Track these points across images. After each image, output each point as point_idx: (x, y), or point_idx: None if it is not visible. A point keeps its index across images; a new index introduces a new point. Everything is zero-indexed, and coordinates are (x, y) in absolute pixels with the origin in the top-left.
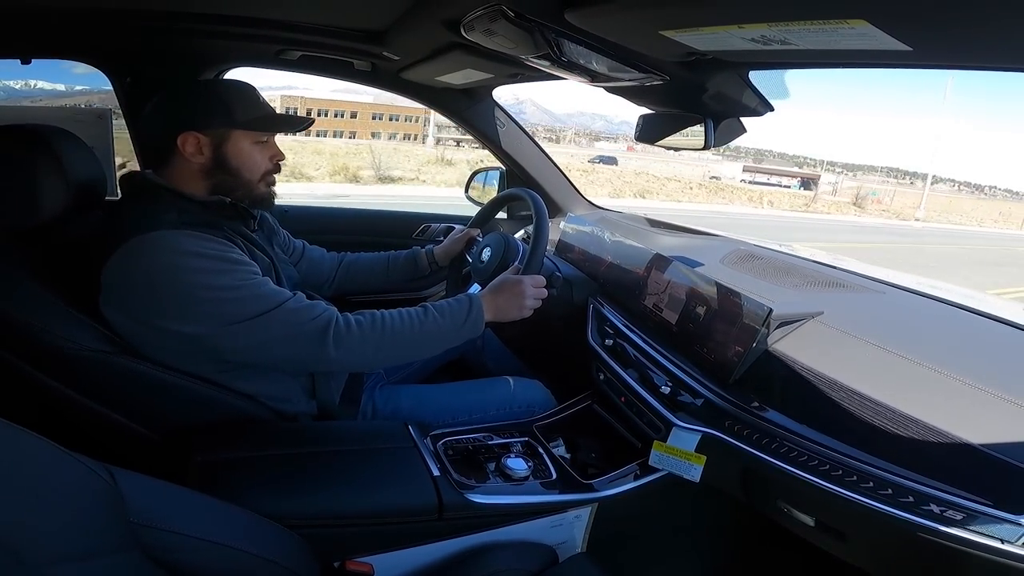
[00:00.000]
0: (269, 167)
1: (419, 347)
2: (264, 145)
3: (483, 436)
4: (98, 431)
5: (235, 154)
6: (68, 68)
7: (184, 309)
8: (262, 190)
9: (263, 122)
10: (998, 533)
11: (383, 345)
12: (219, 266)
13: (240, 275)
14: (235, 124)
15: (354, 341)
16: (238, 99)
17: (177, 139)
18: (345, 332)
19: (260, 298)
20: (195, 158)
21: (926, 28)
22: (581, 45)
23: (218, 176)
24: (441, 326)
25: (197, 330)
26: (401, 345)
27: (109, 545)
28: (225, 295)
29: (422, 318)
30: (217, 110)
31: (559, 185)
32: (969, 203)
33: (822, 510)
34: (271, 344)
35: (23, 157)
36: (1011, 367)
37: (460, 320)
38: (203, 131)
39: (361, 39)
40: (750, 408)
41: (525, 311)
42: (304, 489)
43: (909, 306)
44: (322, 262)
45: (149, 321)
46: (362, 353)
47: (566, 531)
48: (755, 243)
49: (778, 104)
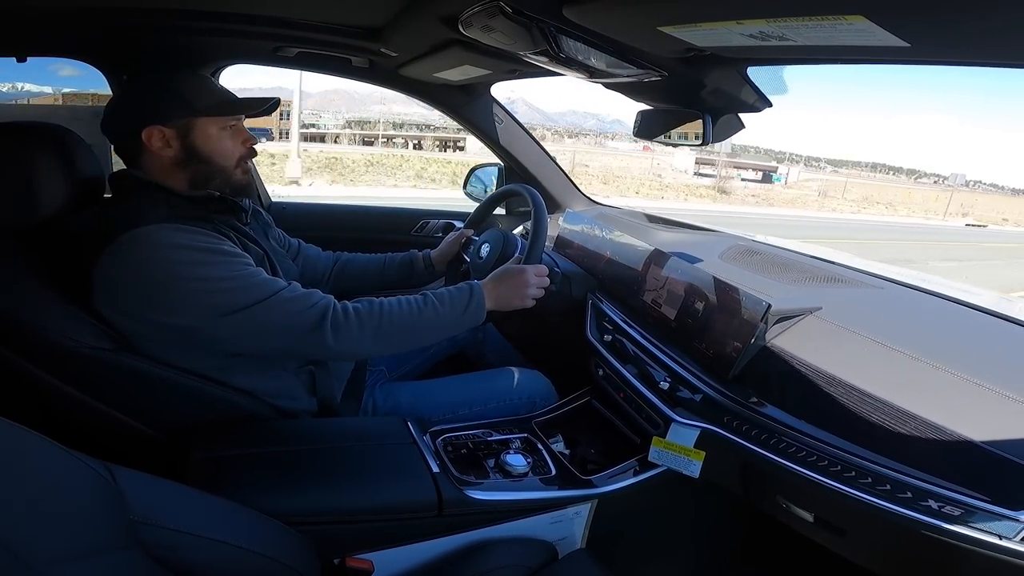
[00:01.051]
0: (243, 152)
1: (419, 335)
2: (233, 130)
3: (482, 432)
4: (97, 429)
5: (203, 142)
6: (54, 70)
7: (176, 301)
8: (239, 176)
9: (223, 107)
10: (996, 529)
11: (381, 333)
12: (209, 258)
13: (232, 266)
14: (195, 111)
15: (352, 329)
16: (194, 87)
17: (141, 134)
18: (343, 320)
19: (253, 287)
20: (164, 151)
21: (923, 24)
22: (579, 41)
23: (192, 166)
24: (441, 314)
25: (190, 322)
26: (400, 332)
27: (109, 543)
28: (217, 286)
29: (421, 306)
30: (174, 100)
31: (557, 181)
32: (921, 194)
33: (821, 506)
34: (267, 334)
35: (24, 154)
36: (1009, 362)
37: (460, 308)
38: (165, 124)
39: (359, 36)
40: (749, 404)
41: (528, 300)
42: (304, 486)
43: (907, 301)
44: (317, 260)
45: (142, 316)
46: (360, 341)
47: (566, 527)
48: (753, 239)
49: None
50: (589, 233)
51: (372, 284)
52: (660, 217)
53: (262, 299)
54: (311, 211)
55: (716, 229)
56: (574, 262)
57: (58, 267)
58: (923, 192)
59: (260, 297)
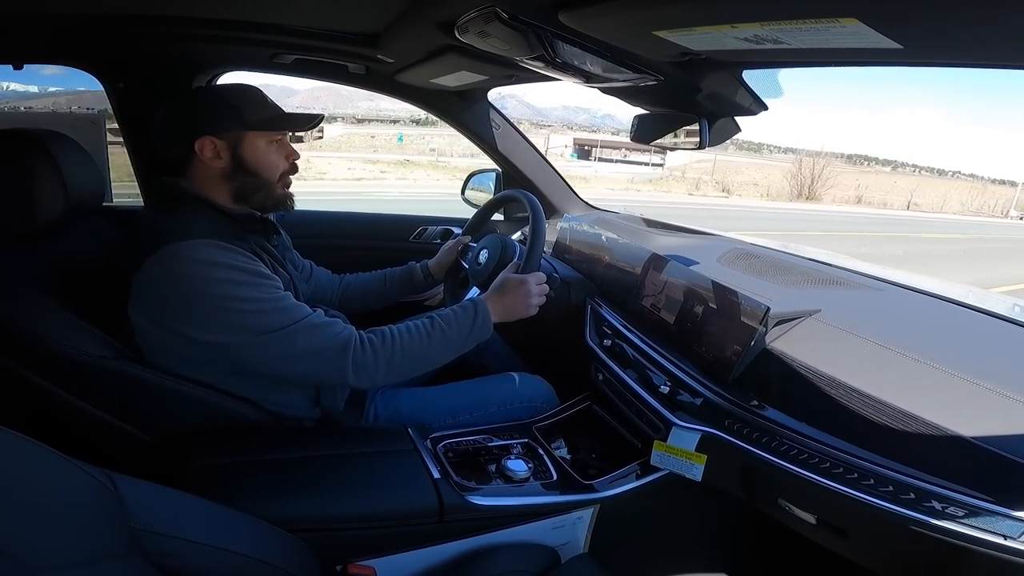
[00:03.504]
0: (286, 167)
1: (429, 360)
2: (279, 145)
3: (483, 438)
4: (97, 436)
5: (252, 155)
6: (36, 69)
7: (211, 318)
8: (280, 191)
9: (274, 122)
10: (1000, 529)
11: (394, 364)
12: (247, 279)
13: (266, 288)
14: (247, 125)
15: (368, 363)
16: (246, 100)
17: (195, 145)
18: (361, 354)
19: (284, 311)
20: (215, 162)
21: (916, 26)
22: (575, 46)
23: (239, 179)
24: (448, 335)
25: (223, 339)
26: (411, 361)
27: (110, 551)
28: (252, 307)
29: (429, 330)
30: (227, 113)
31: (555, 186)
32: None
33: (823, 508)
34: (293, 358)
35: (22, 161)
36: (1009, 363)
37: (467, 327)
38: (217, 135)
39: (355, 42)
40: (749, 406)
41: (531, 309)
42: (305, 493)
43: (907, 303)
44: (327, 283)
45: (175, 329)
46: (375, 373)
47: (568, 532)
48: (752, 242)
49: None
50: (587, 238)
51: (375, 302)
52: (658, 221)
53: (291, 323)
54: (309, 219)
55: (715, 233)
56: (572, 267)
57: (59, 274)
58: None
59: (290, 321)
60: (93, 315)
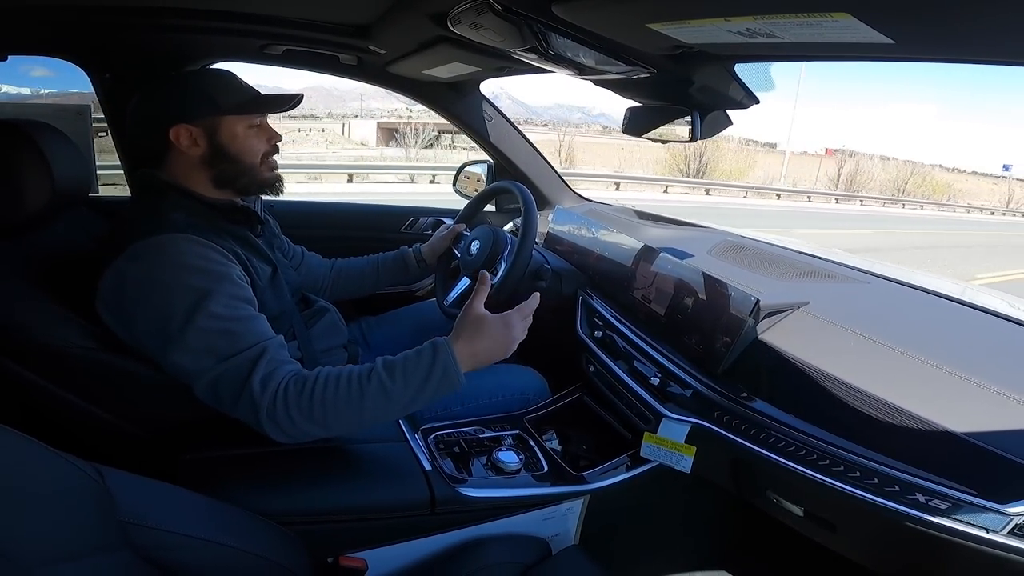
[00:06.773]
0: (267, 148)
1: (363, 415)
2: (258, 128)
3: (474, 430)
4: (85, 429)
5: (230, 140)
6: (27, 71)
7: (160, 318)
8: (266, 174)
9: (250, 105)
10: (983, 522)
11: (314, 416)
12: (214, 286)
13: (230, 305)
14: (222, 110)
15: (280, 415)
16: (219, 85)
17: (169, 133)
18: (275, 408)
19: (237, 336)
20: (192, 150)
21: (908, 21)
22: (568, 38)
23: (219, 165)
24: (389, 389)
25: (151, 340)
26: (337, 415)
27: (99, 544)
28: (205, 323)
29: (364, 383)
30: (200, 99)
31: (547, 178)
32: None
33: (810, 500)
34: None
35: (8, 151)
36: (995, 356)
37: (420, 377)
38: (192, 122)
39: (347, 33)
40: (738, 398)
41: (514, 346)
42: (295, 486)
43: (894, 295)
44: (318, 269)
45: (133, 325)
46: (290, 427)
47: (559, 523)
48: (742, 234)
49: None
50: (579, 229)
51: (369, 286)
52: (650, 213)
53: (235, 353)
54: (300, 210)
55: (705, 225)
56: (564, 258)
57: (44, 265)
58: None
59: (235, 351)
60: (80, 306)
